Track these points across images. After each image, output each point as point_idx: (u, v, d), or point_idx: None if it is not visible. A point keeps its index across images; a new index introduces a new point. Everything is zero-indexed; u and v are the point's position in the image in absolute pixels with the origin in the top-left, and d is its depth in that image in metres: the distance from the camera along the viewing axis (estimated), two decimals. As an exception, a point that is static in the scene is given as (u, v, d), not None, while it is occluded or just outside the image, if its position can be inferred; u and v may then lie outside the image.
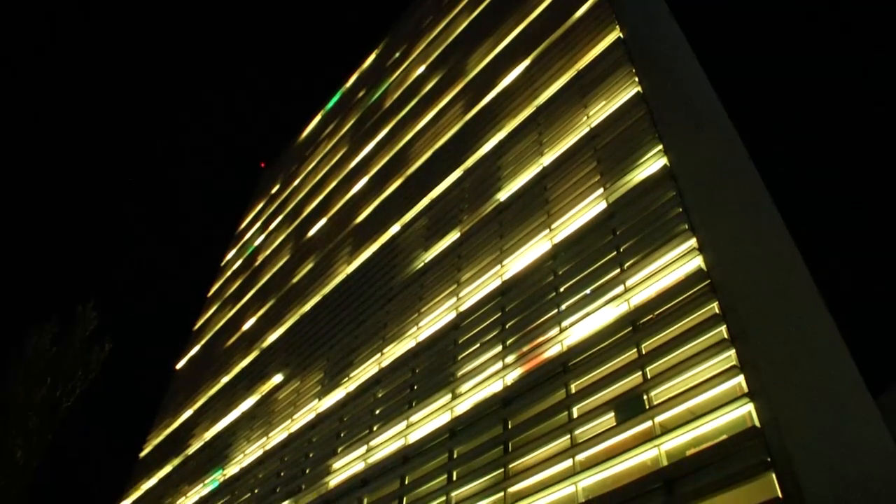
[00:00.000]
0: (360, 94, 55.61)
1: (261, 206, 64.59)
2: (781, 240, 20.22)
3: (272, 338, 37.95)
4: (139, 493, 44.25)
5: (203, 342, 53.49)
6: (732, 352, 12.88)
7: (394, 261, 29.22)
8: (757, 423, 11.78)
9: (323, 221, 42.71)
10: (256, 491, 27.91)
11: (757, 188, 21.27)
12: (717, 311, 13.66)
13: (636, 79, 21.10)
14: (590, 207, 19.31)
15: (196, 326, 59.08)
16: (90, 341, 34.31)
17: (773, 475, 11.09)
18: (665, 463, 12.89)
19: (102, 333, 34.75)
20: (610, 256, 17.22)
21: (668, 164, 17.49)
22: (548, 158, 23.08)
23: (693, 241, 15.21)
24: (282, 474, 26.89)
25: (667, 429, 13.18)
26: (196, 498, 33.85)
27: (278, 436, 29.21)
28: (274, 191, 62.74)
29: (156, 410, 53.55)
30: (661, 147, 18.05)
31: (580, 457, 14.64)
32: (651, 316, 15.10)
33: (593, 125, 21.80)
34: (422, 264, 26.69)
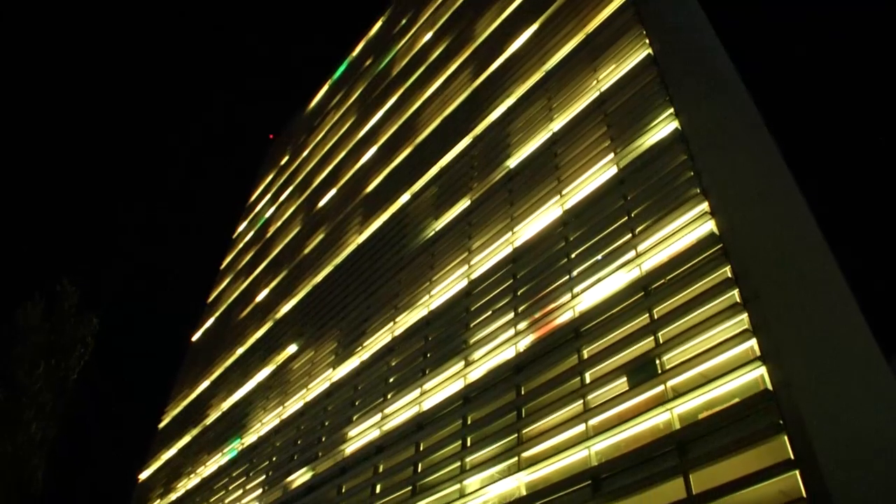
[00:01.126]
0: (368, 62, 55.15)
1: (270, 177, 64.61)
2: (795, 203, 20.04)
3: (285, 309, 38.25)
4: (159, 463, 45.12)
5: (217, 314, 54.00)
6: (745, 315, 12.87)
7: (404, 230, 29.25)
8: (769, 386, 11.82)
9: (333, 192, 42.71)
10: (274, 459, 28.38)
11: (770, 151, 21.02)
12: (729, 275, 13.62)
13: (646, 41, 20.79)
14: (600, 173, 19.19)
15: (210, 299, 59.60)
16: (79, 316, 34.88)
17: (786, 437, 11.15)
18: (677, 426, 12.98)
19: (88, 308, 35.36)
20: (621, 222, 17.16)
21: (679, 127, 17.31)
22: (557, 124, 22.89)
23: (705, 205, 15.11)
24: (298, 442, 27.30)
25: (679, 392, 13.25)
26: (215, 467, 34.48)
27: (294, 405, 29.59)
28: (283, 162, 62.69)
29: (173, 382, 54.42)
30: (672, 110, 17.85)
31: (593, 421, 14.76)
32: (663, 281, 15.08)
33: (603, 89, 21.56)
34: (432, 233, 26.71)
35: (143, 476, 46.79)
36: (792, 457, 10.86)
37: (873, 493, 12.21)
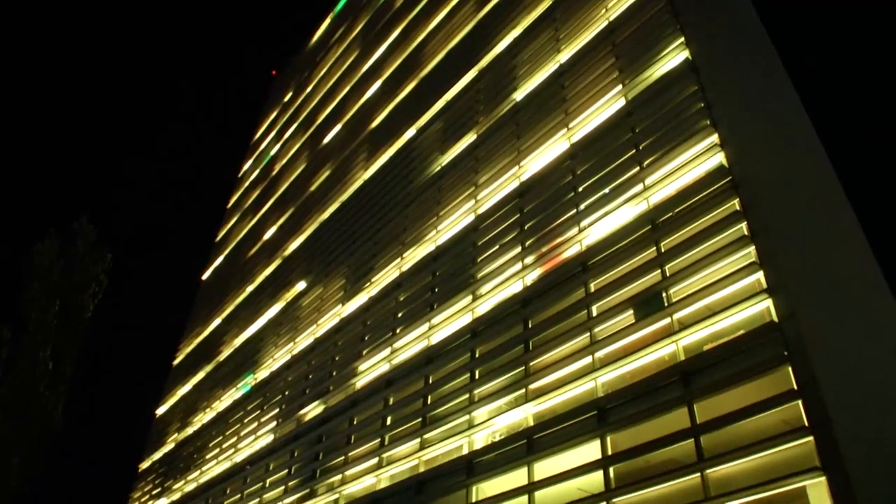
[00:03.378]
0: (370, -7, 53.71)
1: (274, 115, 63.89)
2: (806, 136, 19.77)
3: (293, 246, 38.43)
4: (175, 398, 46.22)
5: (226, 253, 54.33)
6: (752, 248, 12.87)
7: (410, 165, 29.06)
8: (775, 318, 11.90)
9: (338, 128, 42.28)
10: (287, 393, 29.02)
11: (782, 83, 20.61)
12: (737, 207, 13.55)
13: (657, -33, 20.12)
14: (608, 105, 18.88)
15: (218, 238, 59.86)
16: (92, 255, 34.89)
17: (790, 368, 11.29)
18: (682, 358, 13.15)
19: (103, 247, 35.27)
20: (629, 155, 16.98)
21: (689, 57, 16.92)
22: (565, 55, 22.41)
23: (715, 138, 14.91)
24: (310, 377, 27.85)
25: (685, 325, 13.37)
26: (230, 402, 35.31)
27: (304, 341, 30.06)
28: (286, 99, 61.84)
29: (185, 320, 55.22)
30: (682, 39, 17.42)
31: (599, 354, 14.97)
32: (671, 214, 15.02)
33: (612, 18, 21.01)
34: (439, 168, 26.54)
35: (161, 411, 48.02)
36: (795, 387, 11.03)
37: (874, 421, 12.44)
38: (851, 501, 9.57)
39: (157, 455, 43.16)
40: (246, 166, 64.09)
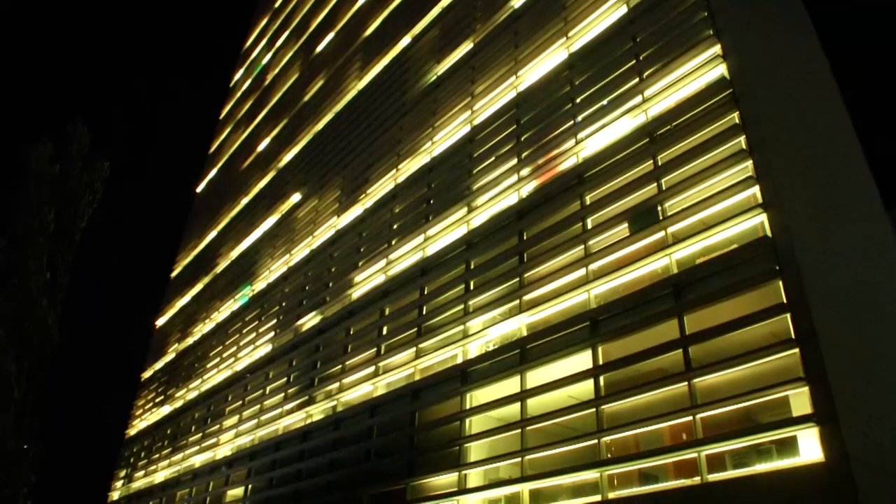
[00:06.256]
0: None
1: (265, 22, 61.87)
2: (811, 49, 19.31)
3: (287, 157, 38.03)
4: (174, 310, 46.85)
5: (219, 165, 53.80)
6: (749, 162, 12.78)
7: (405, 75, 28.41)
8: (768, 233, 11.95)
9: (331, 36, 41.03)
10: (284, 304, 29.41)
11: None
12: (737, 120, 13.37)
13: None
14: (609, 13, 18.30)
15: (211, 150, 59.13)
16: (89, 161, 33.86)
17: (780, 282, 11.44)
18: (675, 271, 13.29)
19: (99, 153, 34.19)
20: (629, 65, 16.60)
21: (694, -39, 16.28)
22: (565, -41, 21.53)
23: (717, 48, 14.54)
24: (307, 288, 28.16)
25: (679, 238, 13.44)
26: (228, 313, 35.82)
27: (301, 252, 30.22)
28: (277, 5, 59.74)
29: (181, 233, 55.27)
30: (687, -58, 16.71)
31: (593, 266, 15.10)
32: (669, 127, 14.83)
33: (615, -81, 20.07)
34: (434, 77, 25.97)
35: (160, 322, 48.76)
36: (785, 301, 11.19)
37: (857, 335, 12.72)
38: (831, 410, 9.90)
39: (159, 365, 44.14)
40: (237, 76, 62.59)
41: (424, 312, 19.94)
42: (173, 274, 51.48)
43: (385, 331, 21.48)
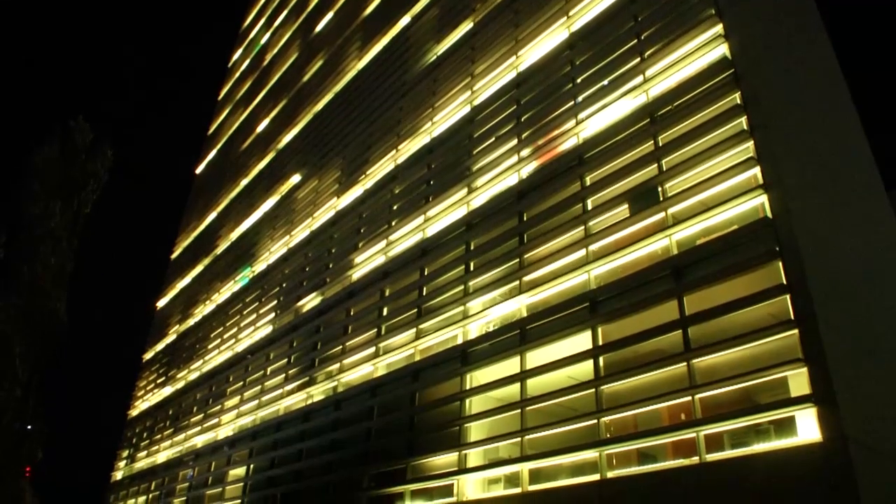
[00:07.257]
0: None
1: (263, 0, 61.38)
2: (815, 29, 19.14)
3: (287, 138, 37.90)
4: (175, 291, 46.92)
5: (219, 146, 53.63)
6: (751, 143, 12.72)
7: (405, 55, 28.22)
8: (769, 214, 11.93)
9: (330, 15, 40.70)
10: (284, 285, 29.44)
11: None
12: (738, 101, 13.29)
13: None
14: (611, -9, 18.15)
15: (210, 131, 58.90)
16: (92, 151, 34.50)
17: (780, 264, 11.43)
18: (675, 252, 13.28)
19: (102, 143, 34.78)
20: (630, 45, 16.48)
21: (697, -62, 16.10)
22: (567, -64, 21.30)
23: (719, 28, 14.42)
24: (307, 269, 28.18)
25: (679, 220, 13.42)
26: (228, 294, 35.88)
27: (301, 233, 30.20)
28: (276, -18, 59.23)
29: (180, 214, 55.20)
30: (690, -81, 16.51)
31: (593, 247, 15.09)
32: (670, 107, 14.75)
33: None
34: (434, 57, 25.79)
35: (161, 304, 48.86)
36: (785, 282, 11.19)
37: (858, 317, 12.74)
38: (829, 391, 9.94)
39: (160, 346, 44.30)
40: (236, 56, 62.16)
41: (425, 293, 19.96)
42: (173, 255, 51.50)
43: (385, 312, 21.53)
